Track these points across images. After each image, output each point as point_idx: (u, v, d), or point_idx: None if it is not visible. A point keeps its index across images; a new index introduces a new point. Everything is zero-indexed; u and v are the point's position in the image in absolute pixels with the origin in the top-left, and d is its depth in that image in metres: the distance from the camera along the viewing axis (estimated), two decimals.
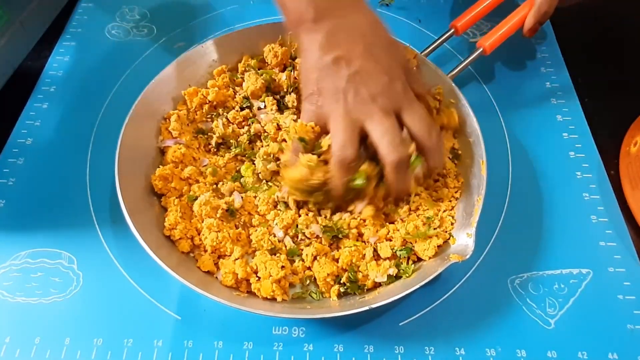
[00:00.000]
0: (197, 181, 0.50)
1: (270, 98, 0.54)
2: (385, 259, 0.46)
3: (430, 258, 0.45)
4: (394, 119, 0.43)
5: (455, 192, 0.50)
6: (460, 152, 0.52)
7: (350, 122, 0.43)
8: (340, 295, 0.45)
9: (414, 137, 0.44)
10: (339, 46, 0.43)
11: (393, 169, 0.43)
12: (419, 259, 0.46)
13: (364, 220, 0.48)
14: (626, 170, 0.53)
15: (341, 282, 0.45)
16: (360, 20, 0.45)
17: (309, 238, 0.47)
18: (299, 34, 0.46)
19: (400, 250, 0.46)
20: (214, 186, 0.50)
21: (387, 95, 0.43)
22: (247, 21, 0.68)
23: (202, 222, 0.47)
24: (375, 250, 0.47)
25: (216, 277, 0.46)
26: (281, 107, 0.55)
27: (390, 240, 0.47)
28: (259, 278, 0.45)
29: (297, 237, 0.48)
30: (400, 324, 0.45)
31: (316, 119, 0.45)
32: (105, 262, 0.48)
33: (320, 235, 0.47)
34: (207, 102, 0.55)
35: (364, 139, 0.44)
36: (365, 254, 0.46)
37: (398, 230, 0.47)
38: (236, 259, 0.46)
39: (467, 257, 0.42)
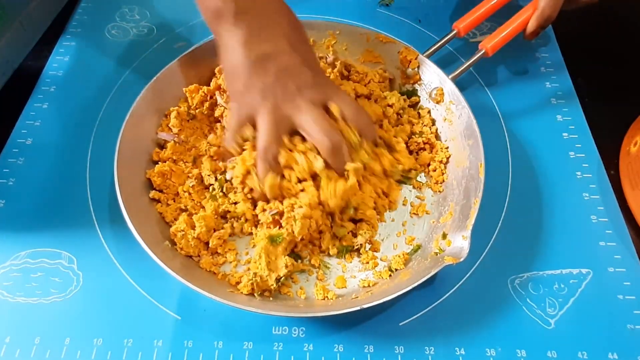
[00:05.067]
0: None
1: None
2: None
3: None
4: (321, 109, 0.45)
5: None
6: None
7: (279, 119, 0.44)
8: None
9: (348, 121, 0.46)
10: (264, 42, 0.44)
11: (330, 154, 0.44)
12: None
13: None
14: (626, 170, 0.53)
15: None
16: (281, 17, 0.45)
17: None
18: (217, 29, 0.45)
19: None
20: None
21: (314, 88, 0.45)
22: None
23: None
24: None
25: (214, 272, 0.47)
26: None
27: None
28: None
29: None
30: (400, 324, 0.45)
31: (245, 117, 0.45)
32: (105, 262, 0.48)
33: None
34: (208, 99, 0.55)
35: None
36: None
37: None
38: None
39: (462, 259, 0.42)
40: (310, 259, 0.47)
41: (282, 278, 0.44)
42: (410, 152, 0.54)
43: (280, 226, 0.46)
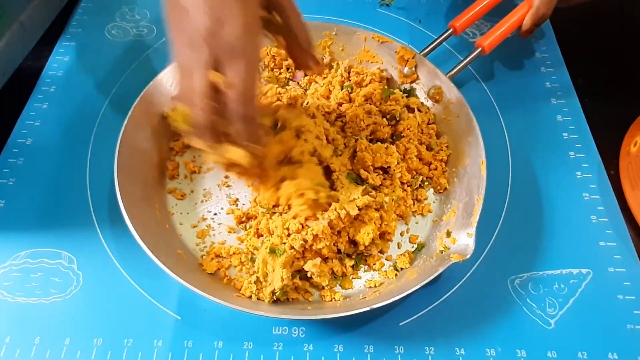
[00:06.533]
0: None
1: None
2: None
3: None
4: (200, 76, 0.36)
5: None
6: None
7: (185, 69, 0.38)
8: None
9: (225, 100, 0.37)
10: None
11: (197, 136, 0.38)
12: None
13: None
14: (626, 170, 0.53)
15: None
16: None
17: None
18: None
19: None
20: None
21: (207, 42, 0.36)
22: None
23: None
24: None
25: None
26: None
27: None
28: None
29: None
30: (400, 324, 0.45)
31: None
32: (105, 262, 0.48)
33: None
34: None
35: None
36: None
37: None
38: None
39: (468, 256, 0.42)
40: (319, 279, 0.45)
41: (278, 292, 0.43)
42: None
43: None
